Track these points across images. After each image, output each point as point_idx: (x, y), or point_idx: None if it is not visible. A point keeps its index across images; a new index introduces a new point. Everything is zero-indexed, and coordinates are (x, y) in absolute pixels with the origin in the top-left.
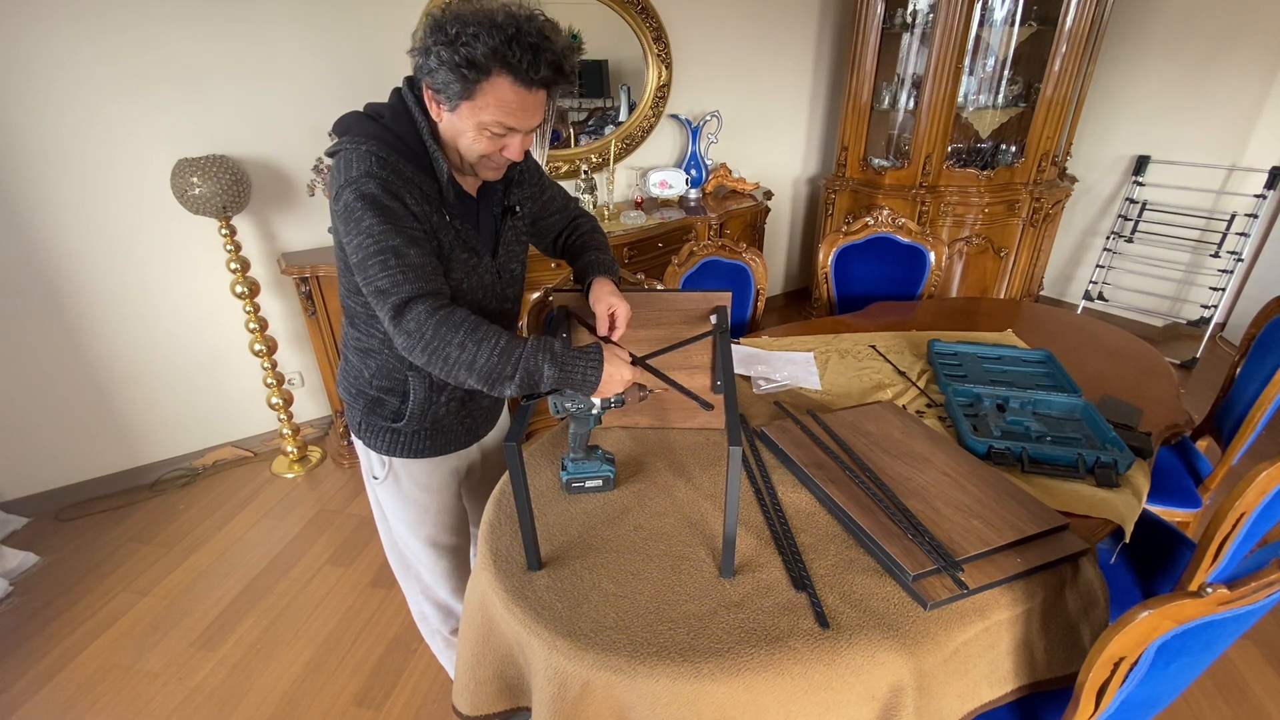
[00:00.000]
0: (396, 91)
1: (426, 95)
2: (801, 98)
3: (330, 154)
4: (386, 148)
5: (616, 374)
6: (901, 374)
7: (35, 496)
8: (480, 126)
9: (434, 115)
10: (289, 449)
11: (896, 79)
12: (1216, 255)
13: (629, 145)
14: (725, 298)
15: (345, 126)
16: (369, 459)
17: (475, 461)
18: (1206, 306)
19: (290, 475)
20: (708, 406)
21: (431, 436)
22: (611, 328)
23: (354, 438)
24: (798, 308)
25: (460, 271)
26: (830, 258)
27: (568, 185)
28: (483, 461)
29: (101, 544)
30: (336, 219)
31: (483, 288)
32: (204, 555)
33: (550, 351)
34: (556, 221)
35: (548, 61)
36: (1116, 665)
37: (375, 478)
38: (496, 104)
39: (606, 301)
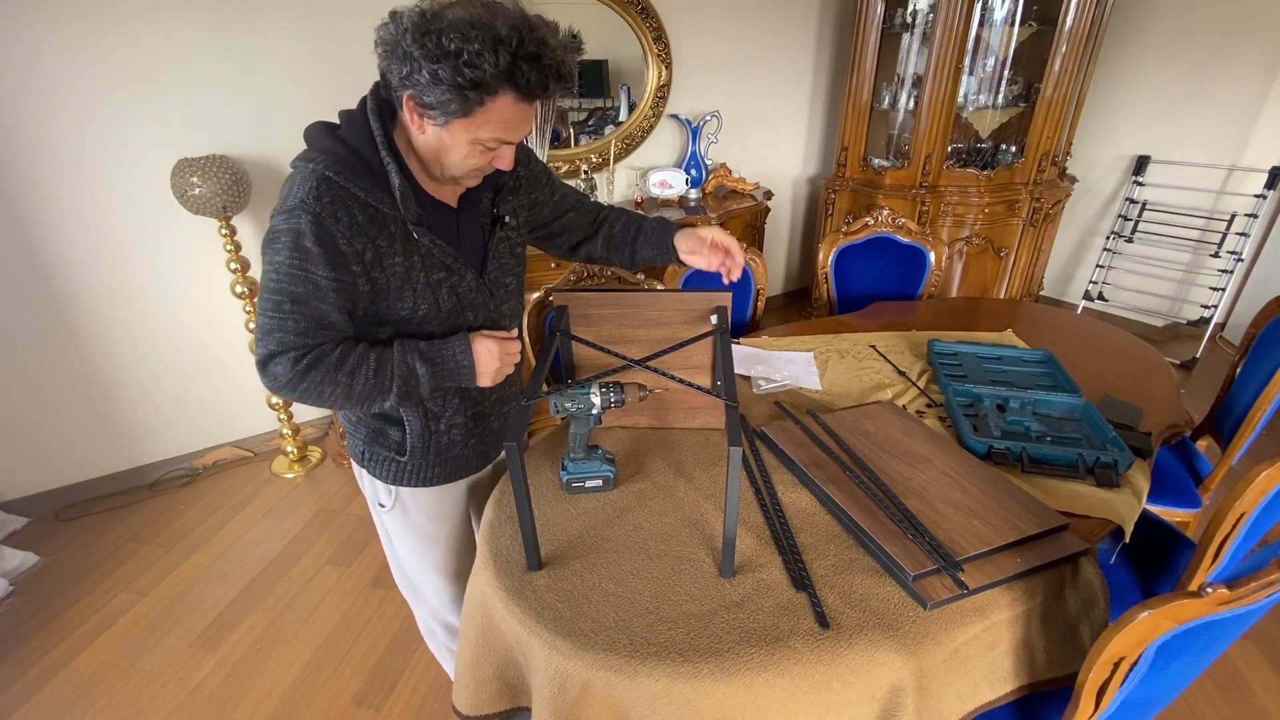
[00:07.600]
0: (364, 98)
1: (407, 107)
2: (801, 97)
3: (293, 166)
4: (337, 164)
5: (484, 349)
6: (901, 374)
7: (35, 496)
8: (474, 142)
9: (415, 127)
10: (289, 449)
11: (896, 79)
12: (1216, 255)
13: (629, 145)
14: (725, 298)
15: (307, 138)
16: (374, 487)
17: (484, 479)
18: (1206, 306)
19: (290, 475)
20: (731, 400)
21: (441, 465)
22: (727, 256)
23: (357, 467)
24: (798, 308)
25: (416, 299)
26: (830, 258)
27: None
28: (492, 477)
29: (101, 544)
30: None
31: (470, 306)
32: (204, 555)
33: (417, 350)
34: (573, 219)
35: (551, 70)
36: (1116, 665)
37: (382, 505)
38: (497, 120)
39: (708, 235)
